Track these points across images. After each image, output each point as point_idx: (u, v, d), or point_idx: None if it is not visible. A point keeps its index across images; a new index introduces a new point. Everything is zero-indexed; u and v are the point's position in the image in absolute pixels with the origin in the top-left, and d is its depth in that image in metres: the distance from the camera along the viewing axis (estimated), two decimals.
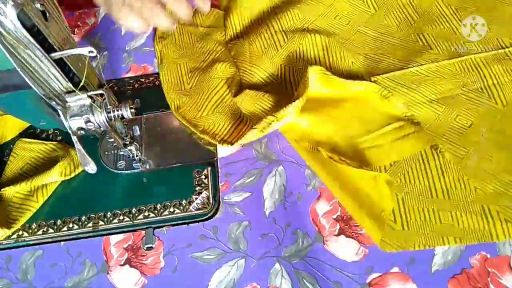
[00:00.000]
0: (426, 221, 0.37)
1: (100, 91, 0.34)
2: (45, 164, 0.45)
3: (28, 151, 0.46)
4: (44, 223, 0.42)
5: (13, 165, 0.45)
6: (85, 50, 0.30)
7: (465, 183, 0.38)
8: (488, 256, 0.37)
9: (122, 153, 0.45)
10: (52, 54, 0.30)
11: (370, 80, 0.46)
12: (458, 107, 0.43)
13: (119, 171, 0.44)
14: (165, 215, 0.41)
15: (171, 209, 0.42)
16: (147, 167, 0.44)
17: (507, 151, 0.39)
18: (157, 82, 0.52)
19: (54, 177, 0.43)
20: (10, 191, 0.42)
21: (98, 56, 0.31)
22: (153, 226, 0.41)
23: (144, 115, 0.48)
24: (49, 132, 0.48)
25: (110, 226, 0.41)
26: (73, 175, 0.44)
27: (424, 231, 0.37)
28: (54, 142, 0.46)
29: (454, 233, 0.36)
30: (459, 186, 0.38)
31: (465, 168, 0.39)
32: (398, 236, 0.37)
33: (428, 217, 0.37)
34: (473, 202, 0.37)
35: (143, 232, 0.41)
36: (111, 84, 0.52)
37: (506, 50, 0.46)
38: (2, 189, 0.42)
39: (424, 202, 0.38)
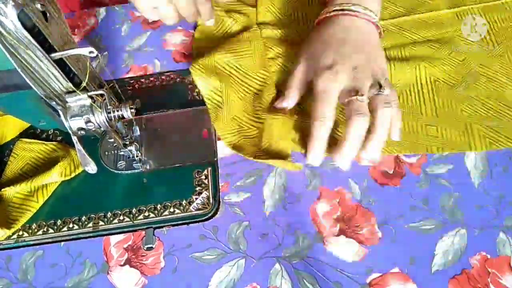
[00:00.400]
0: (414, 132, 0.43)
1: (100, 92, 0.34)
2: (45, 165, 0.45)
3: (28, 151, 0.46)
4: (44, 223, 0.42)
5: (13, 165, 0.45)
6: (86, 51, 0.30)
7: (453, 106, 0.45)
8: (488, 256, 0.37)
9: (122, 153, 0.45)
10: (52, 55, 0.30)
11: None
12: (453, 46, 0.50)
13: (119, 171, 0.44)
14: (165, 215, 0.41)
15: (171, 209, 0.42)
16: (147, 167, 0.45)
17: (493, 82, 0.46)
18: (157, 83, 0.52)
19: (54, 177, 0.43)
20: (10, 192, 0.42)
21: (100, 56, 0.31)
22: (153, 226, 0.41)
23: (144, 115, 0.48)
24: (49, 132, 0.48)
25: (110, 226, 0.41)
26: (73, 175, 0.44)
27: (412, 139, 0.43)
28: (54, 142, 0.46)
29: (437, 143, 0.43)
30: (447, 107, 0.45)
31: (454, 94, 0.46)
32: (388, 143, 0.42)
33: (416, 129, 0.44)
34: (458, 121, 0.44)
35: (143, 232, 0.41)
36: (111, 84, 0.52)
37: (503, 1, 0.53)
38: (2, 190, 0.42)
39: (414, 117, 0.44)
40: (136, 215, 0.42)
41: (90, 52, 0.30)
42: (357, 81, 0.40)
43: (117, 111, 0.36)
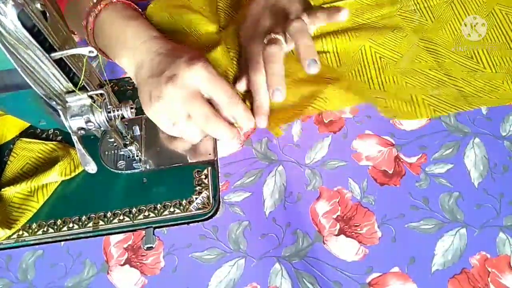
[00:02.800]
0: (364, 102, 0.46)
1: (100, 91, 0.34)
2: (45, 164, 0.45)
3: (28, 151, 0.46)
4: (44, 223, 0.42)
5: (13, 165, 0.45)
6: (85, 50, 0.30)
7: (398, 79, 0.47)
8: (488, 256, 0.37)
9: (122, 153, 0.45)
10: (52, 54, 0.30)
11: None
12: (395, 24, 0.52)
13: (119, 171, 0.44)
14: (165, 215, 0.41)
15: (171, 209, 0.42)
16: (147, 167, 0.44)
17: (433, 54, 0.49)
18: None
19: (54, 177, 0.43)
20: (10, 191, 0.42)
21: (99, 56, 0.31)
22: (153, 226, 0.41)
23: (144, 115, 0.48)
24: (49, 132, 0.48)
25: (110, 226, 0.41)
26: (73, 175, 0.44)
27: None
28: (54, 142, 0.46)
29: (388, 113, 0.45)
30: (392, 81, 0.47)
31: (398, 68, 0.48)
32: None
33: (366, 100, 0.46)
34: (403, 93, 0.46)
35: (143, 232, 0.41)
36: (111, 84, 0.52)
37: None
38: (2, 190, 0.42)
39: (364, 92, 0.46)
40: (136, 214, 0.42)
41: (90, 51, 0.30)
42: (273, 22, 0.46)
43: (117, 110, 0.36)
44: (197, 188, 0.43)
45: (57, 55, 0.30)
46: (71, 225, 0.42)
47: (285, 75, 0.41)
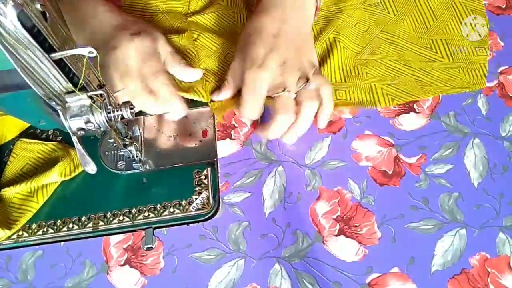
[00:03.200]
0: None
1: (100, 92, 0.34)
2: (45, 165, 0.45)
3: (28, 152, 0.46)
4: (44, 223, 0.42)
5: (13, 166, 0.45)
6: (85, 51, 0.30)
7: (359, 70, 0.49)
8: (488, 256, 0.37)
9: (122, 153, 0.45)
10: (52, 55, 0.30)
11: None
12: (358, 17, 0.53)
13: (119, 172, 0.44)
14: (165, 215, 0.41)
15: (171, 210, 0.42)
16: (147, 167, 0.44)
17: (394, 45, 0.51)
18: None
19: (54, 177, 0.43)
20: (10, 192, 0.42)
21: (99, 56, 0.31)
22: (153, 226, 0.41)
23: (144, 116, 0.48)
24: (49, 132, 0.48)
25: (110, 226, 0.41)
26: (73, 175, 0.44)
27: None
28: (54, 143, 0.46)
29: (348, 104, 0.47)
30: (354, 72, 0.49)
31: (360, 59, 0.50)
32: None
33: None
34: (364, 83, 0.48)
35: (143, 232, 0.41)
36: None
37: None
38: (2, 190, 0.42)
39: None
40: (136, 215, 0.42)
41: (90, 52, 0.30)
42: (285, 75, 0.42)
43: (117, 111, 0.36)
44: (197, 188, 0.43)
45: (57, 55, 0.30)
46: (71, 225, 0.42)
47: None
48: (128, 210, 0.42)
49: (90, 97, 0.34)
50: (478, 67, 0.48)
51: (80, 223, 0.42)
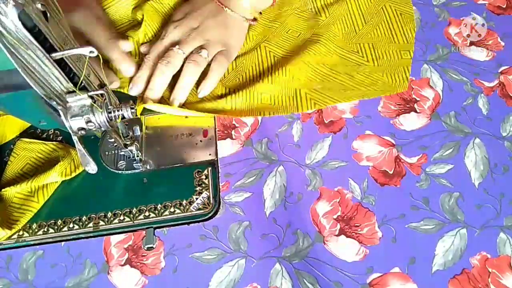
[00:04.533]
0: (249, 100, 0.46)
1: (100, 91, 0.34)
2: (45, 164, 0.45)
3: (29, 151, 0.46)
4: (44, 223, 0.42)
5: (14, 165, 0.45)
6: (86, 50, 0.30)
7: (287, 72, 0.48)
8: (489, 256, 0.37)
9: (122, 153, 0.45)
10: (53, 54, 0.30)
11: None
12: (291, 24, 0.53)
13: (120, 171, 0.44)
14: (166, 215, 0.41)
15: (172, 209, 0.42)
16: (148, 167, 0.44)
17: (324, 47, 0.50)
18: None
19: (54, 177, 0.43)
20: (10, 192, 0.42)
21: (100, 55, 0.31)
22: (154, 226, 0.41)
23: (145, 115, 0.48)
24: (49, 132, 0.48)
25: (111, 226, 0.41)
26: (73, 175, 0.44)
27: (247, 107, 0.46)
28: (54, 142, 0.46)
29: (271, 109, 0.46)
30: (281, 74, 0.48)
31: (288, 61, 0.49)
32: (223, 108, 0.45)
33: (252, 97, 0.46)
34: (289, 87, 0.47)
35: (144, 232, 0.41)
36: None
37: None
38: (3, 190, 0.42)
39: (250, 86, 0.47)
40: (137, 215, 0.42)
41: (91, 51, 0.30)
42: (188, 38, 0.47)
43: (118, 111, 0.36)
44: (198, 188, 0.43)
45: (57, 55, 0.30)
46: (71, 225, 0.42)
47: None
48: (128, 210, 0.42)
49: (91, 97, 0.34)
50: (402, 70, 0.48)
51: (81, 223, 0.42)
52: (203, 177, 0.43)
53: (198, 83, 0.47)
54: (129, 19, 0.53)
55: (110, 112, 0.35)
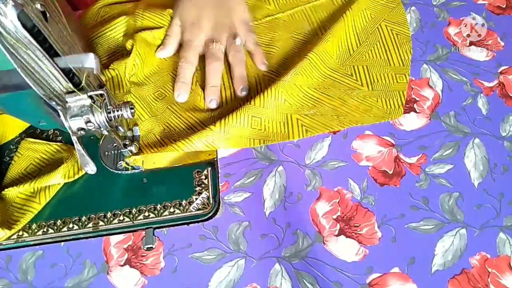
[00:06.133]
0: (239, 125, 0.44)
1: (100, 91, 0.34)
2: (49, 165, 0.45)
3: (33, 151, 0.46)
4: (44, 223, 0.42)
5: (17, 165, 0.45)
6: (89, 59, 0.30)
7: (278, 95, 0.46)
8: (488, 256, 0.37)
9: (122, 153, 0.45)
10: (56, 60, 0.29)
11: None
12: (288, 47, 0.52)
13: (119, 172, 0.44)
14: (165, 215, 0.41)
15: (171, 210, 0.42)
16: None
17: (317, 71, 0.48)
18: None
19: (57, 179, 0.43)
20: (13, 192, 0.42)
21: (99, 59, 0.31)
22: (153, 226, 0.41)
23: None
24: (49, 133, 0.48)
25: (110, 226, 0.41)
26: (76, 177, 0.44)
27: (237, 133, 0.43)
28: (58, 143, 0.46)
29: (260, 137, 0.44)
30: (272, 97, 0.45)
31: (280, 82, 0.46)
32: (212, 136, 0.43)
33: (243, 122, 0.44)
34: (280, 111, 0.45)
35: (143, 232, 0.41)
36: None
37: None
38: (6, 190, 0.42)
39: (242, 108, 0.44)
40: (136, 215, 0.42)
41: (92, 59, 0.30)
42: (216, 33, 0.50)
43: (117, 111, 0.36)
44: (197, 188, 0.43)
45: (61, 62, 0.30)
46: (71, 225, 0.42)
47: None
48: (128, 210, 0.42)
49: (91, 97, 0.34)
50: (397, 95, 0.46)
51: (80, 223, 0.42)
52: (203, 177, 0.43)
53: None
54: (118, 47, 0.52)
55: (109, 112, 0.35)
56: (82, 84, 0.33)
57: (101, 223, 0.41)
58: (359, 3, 0.53)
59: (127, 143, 0.42)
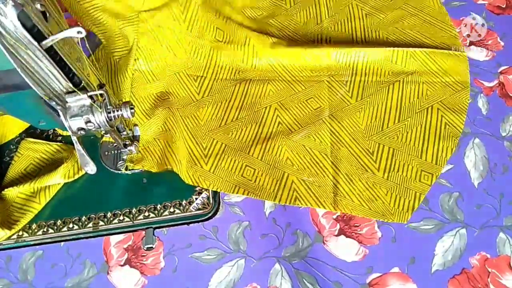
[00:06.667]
0: (231, 170, 0.42)
1: (100, 91, 0.34)
2: (49, 165, 0.45)
3: (33, 151, 0.46)
4: (44, 223, 0.42)
5: (18, 165, 0.45)
6: (73, 31, 0.29)
7: (281, 151, 0.43)
8: (488, 256, 0.37)
9: (122, 153, 0.45)
10: (43, 42, 0.29)
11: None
12: (316, 91, 0.47)
13: (119, 172, 0.44)
14: (165, 215, 0.41)
15: (171, 209, 0.42)
16: None
17: (333, 137, 0.44)
18: None
19: (57, 179, 0.43)
20: (13, 192, 0.42)
21: (96, 38, 0.30)
22: (153, 226, 0.41)
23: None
24: (49, 132, 0.48)
25: (110, 226, 0.41)
26: (76, 177, 0.44)
27: (226, 177, 0.42)
28: (59, 143, 0.46)
29: (247, 187, 0.41)
30: (275, 152, 0.43)
31: (288, 140, 0.43)
32: (201, 174, 0.42)
33: (235, 168, 0.42)
34: (277, 166, 0.43)
35: (143, 232, 0.41)
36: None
37: (394, 50, 0.47)
38: (6, 190, 0.42)
39: (238, 155, 0.43)
40: (136, 215, 0.42)
41: (78, 32, 0.29)
42: None
43: (117, 111, 0.36)
44: (197, 188, 0.43)
45: (48, 42, 0.30)
46: (71, 225, 0.42)
47: None
48: (128, 210, 0.42)
49: (90, 97, 0.34)
50: (412, 196, 0.40)
51: (80, 223, 0.42)
52: None
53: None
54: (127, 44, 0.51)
55: (109, 112, 0.35)
56: (82, 84, 0.33)
57: (101, 223, 0.41)
58: (421, 74, 0.46)
59: (127, 143, 0.42)
